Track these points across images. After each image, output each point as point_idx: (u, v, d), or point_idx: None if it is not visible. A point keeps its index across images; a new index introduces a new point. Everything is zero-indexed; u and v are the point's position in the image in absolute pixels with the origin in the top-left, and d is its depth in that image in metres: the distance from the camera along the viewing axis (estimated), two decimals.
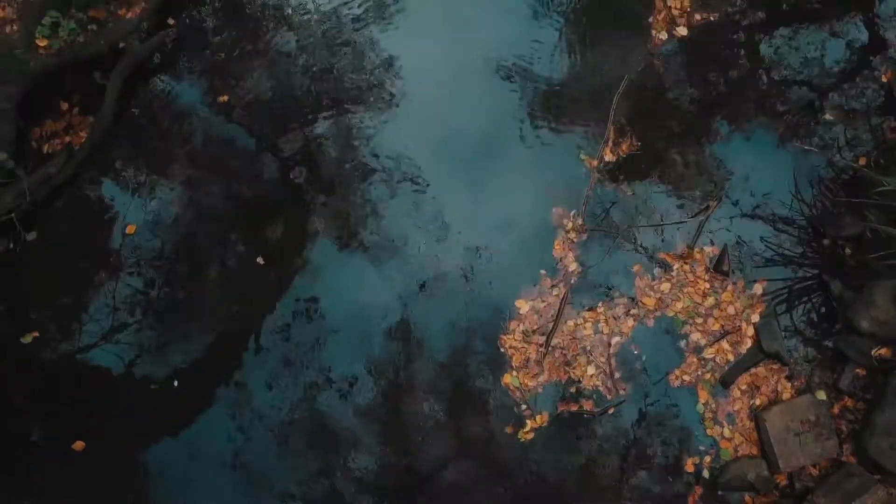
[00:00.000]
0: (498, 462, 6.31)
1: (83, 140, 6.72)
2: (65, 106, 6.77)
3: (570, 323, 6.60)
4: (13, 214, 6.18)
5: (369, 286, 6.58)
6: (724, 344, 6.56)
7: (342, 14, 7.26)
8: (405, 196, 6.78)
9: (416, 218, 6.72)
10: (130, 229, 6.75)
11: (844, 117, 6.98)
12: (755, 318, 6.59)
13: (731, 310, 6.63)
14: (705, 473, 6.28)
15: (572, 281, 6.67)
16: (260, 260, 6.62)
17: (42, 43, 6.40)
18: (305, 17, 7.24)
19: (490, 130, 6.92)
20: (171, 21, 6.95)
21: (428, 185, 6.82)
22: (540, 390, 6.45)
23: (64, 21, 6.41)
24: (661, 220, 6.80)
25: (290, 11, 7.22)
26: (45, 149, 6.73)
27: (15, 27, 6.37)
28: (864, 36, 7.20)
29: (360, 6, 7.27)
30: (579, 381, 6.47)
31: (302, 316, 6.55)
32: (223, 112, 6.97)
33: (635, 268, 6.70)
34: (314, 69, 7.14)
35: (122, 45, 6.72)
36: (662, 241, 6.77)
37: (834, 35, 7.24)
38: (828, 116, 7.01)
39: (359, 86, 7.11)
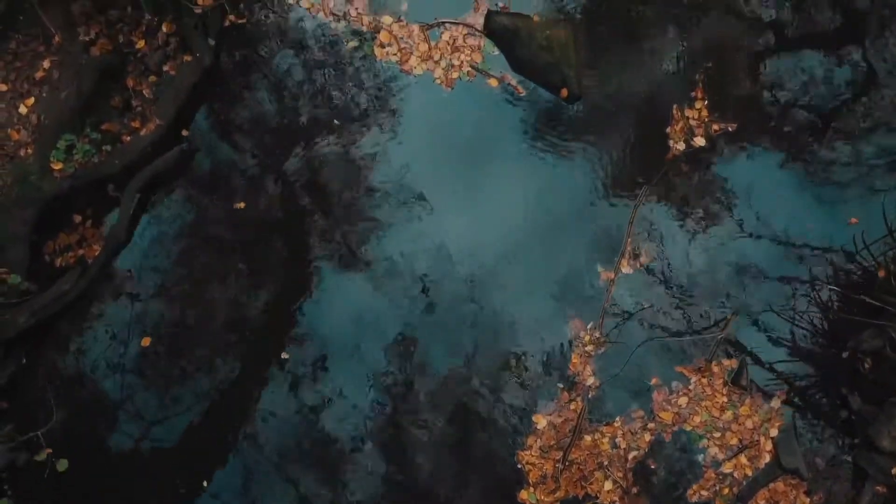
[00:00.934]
0: None
1: (97, 253, 6.67)
2: (78, 219, 6.70)
3: (588, 438, 6.55)
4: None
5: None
6: (743, 458, 6.50)
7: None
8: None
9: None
10: (146, 342, 6.71)
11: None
12: (773, 432, 6.54)
13: (749, 424, 6.57)
14: None
15: (590, 395, 6.63)
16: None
17: (56, 166, 6.33)
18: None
19: (505, 240, 6.87)
20: (184, 132, 6.88)
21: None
22: None
23: (78, 143, 6.35)
24: (679, 333, 6.75)
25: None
26: (58, 262, 6.66)
27: (29, 150, 6.31)
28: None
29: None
30: (596, 497, 6.42)
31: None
32: (240, 219, 6.92)
33: (653, 381, 6.65)
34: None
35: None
36: (680, 354, 6.72)
37: (860, 142, 7.19)
38: (853, 221, 6.93)
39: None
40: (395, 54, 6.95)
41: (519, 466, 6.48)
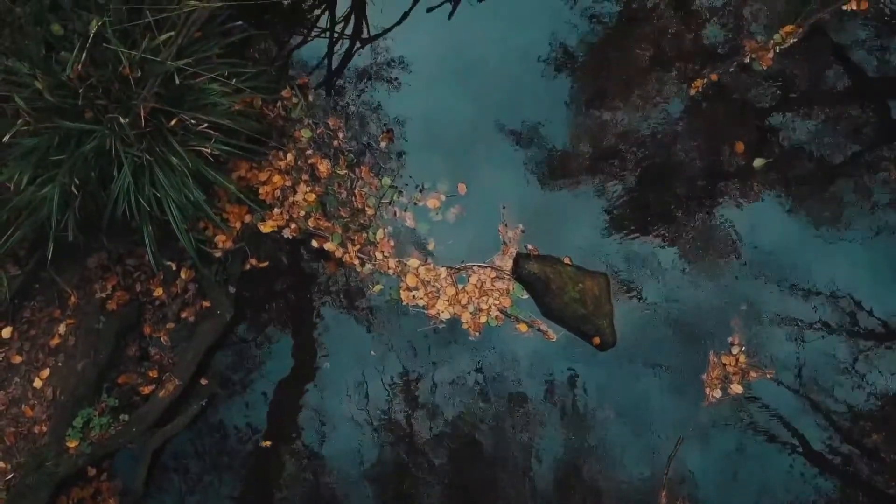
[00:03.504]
0: None
1: None
2: (92, 472, 6.41)
3: None
4: None
5: None
6: None
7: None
8: None
9: None
10: None
11: None
12: None
13: None
14: None
15: None
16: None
17: (72, 444, 6.08)
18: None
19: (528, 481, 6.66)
20: (203, 381, 6.63)
21: None
22: None
23: (95, 417, 6.11)
24: None
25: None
26: None
27: (44, 427, 6.06)
28: None
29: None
30: None
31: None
32: (265, 458, 6.68)
33: None
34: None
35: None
36: None
37: None
38: None
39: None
40: (421, 298, 6.71)
41: None
